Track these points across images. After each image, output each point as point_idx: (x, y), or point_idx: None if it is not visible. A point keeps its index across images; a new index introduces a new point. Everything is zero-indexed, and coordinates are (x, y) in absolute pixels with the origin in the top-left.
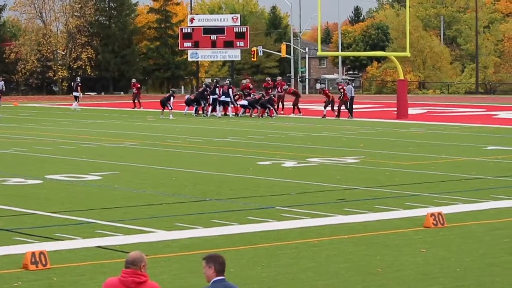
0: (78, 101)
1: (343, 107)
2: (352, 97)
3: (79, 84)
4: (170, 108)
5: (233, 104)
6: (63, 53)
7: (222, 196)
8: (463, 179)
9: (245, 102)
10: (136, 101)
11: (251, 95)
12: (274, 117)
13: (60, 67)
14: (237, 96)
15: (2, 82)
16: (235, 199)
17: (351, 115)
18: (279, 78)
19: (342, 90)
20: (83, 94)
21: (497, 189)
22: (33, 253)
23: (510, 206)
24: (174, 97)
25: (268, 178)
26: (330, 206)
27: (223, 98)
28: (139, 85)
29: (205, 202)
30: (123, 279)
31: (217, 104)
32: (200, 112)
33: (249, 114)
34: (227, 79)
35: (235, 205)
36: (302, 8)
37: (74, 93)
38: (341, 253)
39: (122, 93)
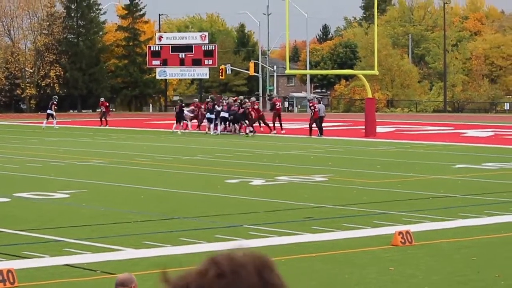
0: (55, 119)
1: (314, 124)
2: (322, 117)
3: (54, 102)
4: (182, 123)
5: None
6: (31, 70)
7: (190, 214)
8: (431, 197)
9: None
10: (103, 119)
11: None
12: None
13: (28, 84)
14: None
15: None
16: (203, 218)
17: (321, 133)
18: (274, 94)
19: (312, 108)
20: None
21: (465, 207)
22: (0, 271)
23: (479, 224)
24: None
25: (236, 196)
26: (298, 224)
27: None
28: (107, 104)
29: (173, 220)
30: None
31: (215, 120)
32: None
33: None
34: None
35: (203, 224)
36: (270, 26)
37: (49, 111)
38: (309, 272)
39: (91, 111)
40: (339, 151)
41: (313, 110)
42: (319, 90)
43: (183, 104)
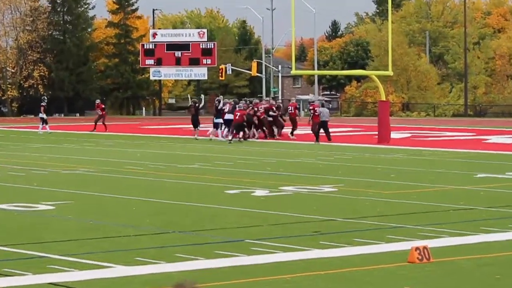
0: (47, 123)
1: (321, 130)
2: (325, 121)
3: (43, 104)
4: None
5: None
6: (13, 70)
7: (187, 228)
8: (450, 210)
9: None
10: (99, 123)
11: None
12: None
13: (9, 86)
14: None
15: None
16: (200, 232)
17: (329, 139)
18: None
19: (312, 111)
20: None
21: (488, 220)
22: None
23: (502, 240)
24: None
25: (237, 208)
26: (305, 239)
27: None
28: (103, 106)
29: (168, 235)
30: None
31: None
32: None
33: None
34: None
35: (200, 238)
36: (275, 22)
37: (40, 115)
38: None
39: (78, 114)
40: (350, 158)
41: (312, 114)
42: (328, 92)
43: (198, 105)
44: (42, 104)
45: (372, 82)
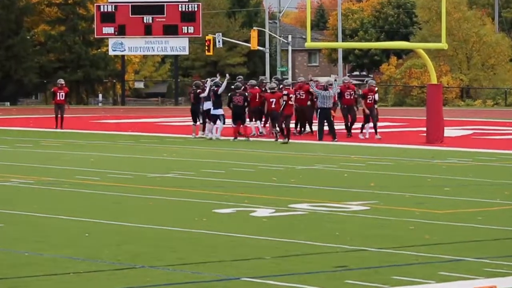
0: None
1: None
2: (325, 108)
3: None
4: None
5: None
6: None
7: (161, 262)
8: None
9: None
10: (59, 116)
11: None
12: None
13: None
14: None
15: None
16: (179, 266)
17: (320, 138)
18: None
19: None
20: None
21: None
22: None
23: None
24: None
25: (230, 234)
26: (326, 276)
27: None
28: (68, 90)
29: (135, 271)
30: None
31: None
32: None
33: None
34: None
35: (180, 276)
36: None
37: None
38: None
39: (8, 104)
40: (387, 165)
41: (284, 102)
42: (358, 73)
43: (200, 91)
44: None
45: (418, 59)
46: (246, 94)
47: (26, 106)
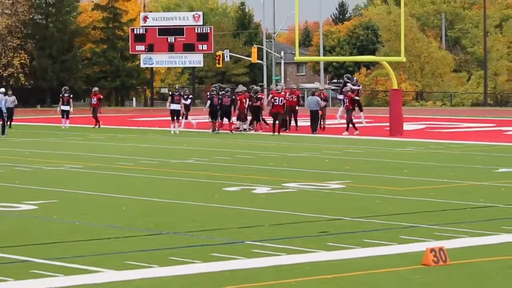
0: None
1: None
2: (313, 111)
3: (65, 95)
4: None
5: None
6: None
7: (182, 229)
8: (469, 208)
9: None
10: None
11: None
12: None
13: None
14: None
15: None
16: (196, 232)
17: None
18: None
19: (272, 100)
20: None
21: (510, 219)
22: None
23: None
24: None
25: (236, 207)
26: (311, 240)
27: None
28: (101, 96)
29: (161, 236)
30: None
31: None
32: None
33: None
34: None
35: (196, 240)
36: (277, 4)
37: (63, 107)
38: None
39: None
40: (359, 152)
41: (272, 103)
42: (335, 81)
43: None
44: (64, 95)
45: (383, 69)
46: (233, 97)
47: (76, 108)
